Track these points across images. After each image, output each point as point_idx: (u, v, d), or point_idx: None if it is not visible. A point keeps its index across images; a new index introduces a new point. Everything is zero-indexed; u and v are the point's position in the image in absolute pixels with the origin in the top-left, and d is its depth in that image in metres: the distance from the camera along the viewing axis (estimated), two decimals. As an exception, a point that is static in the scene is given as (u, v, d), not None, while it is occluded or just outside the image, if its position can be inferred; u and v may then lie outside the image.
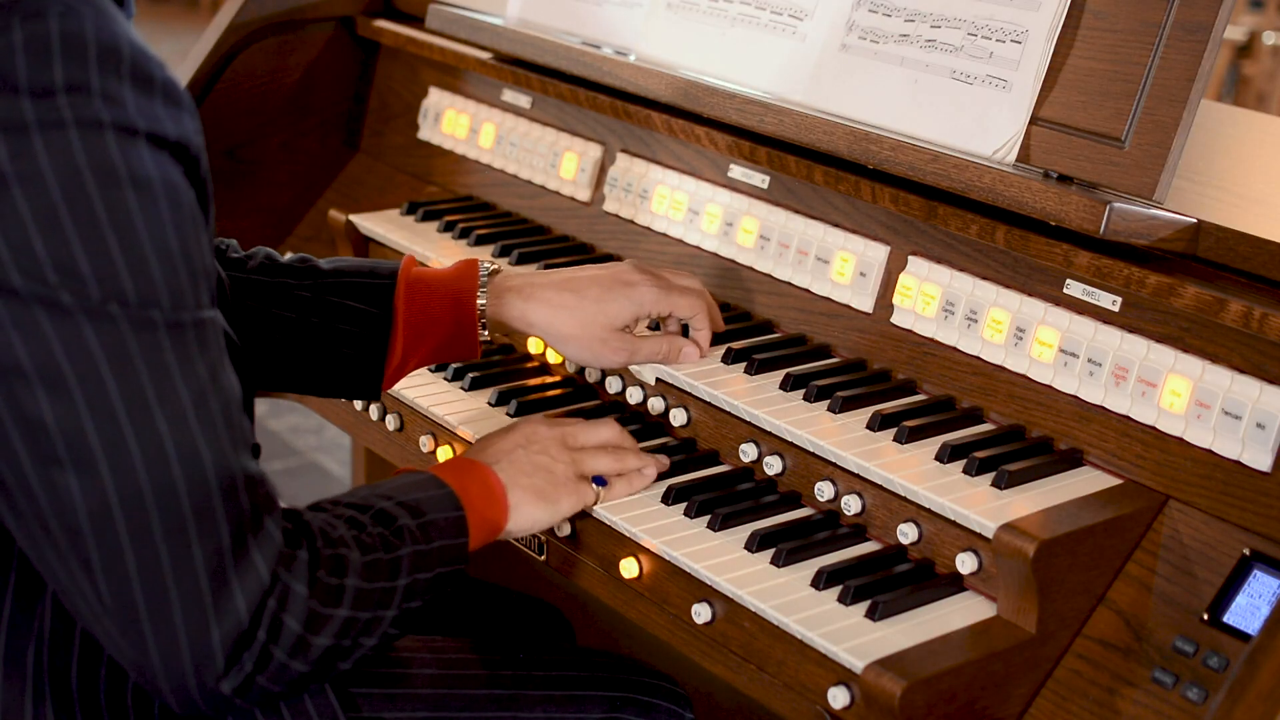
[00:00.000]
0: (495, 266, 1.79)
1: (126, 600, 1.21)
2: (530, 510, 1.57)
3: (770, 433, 1.71)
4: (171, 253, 1.20)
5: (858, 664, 1.40)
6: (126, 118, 1.17)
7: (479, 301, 1.75)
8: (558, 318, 1.74)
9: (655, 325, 1.87)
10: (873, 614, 1.47)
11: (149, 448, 1.19)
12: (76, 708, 1.36)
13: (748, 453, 1.73)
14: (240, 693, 1.27)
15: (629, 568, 1.64)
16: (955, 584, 1.54)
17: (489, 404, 1.89)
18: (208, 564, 1.22)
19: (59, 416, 1.17)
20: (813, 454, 1.67)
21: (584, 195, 2.21)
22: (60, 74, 1.15)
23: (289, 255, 1.80)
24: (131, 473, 1.19)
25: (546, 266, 2.09)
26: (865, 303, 1.84)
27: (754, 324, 1.93)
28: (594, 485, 1.64)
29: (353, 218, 2.30)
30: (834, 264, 1.86)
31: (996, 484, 1.55)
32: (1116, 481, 1.58)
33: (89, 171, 1.16)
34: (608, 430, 1.69)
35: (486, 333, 1.77)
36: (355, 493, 1.45)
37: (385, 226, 2.28)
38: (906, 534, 1.58)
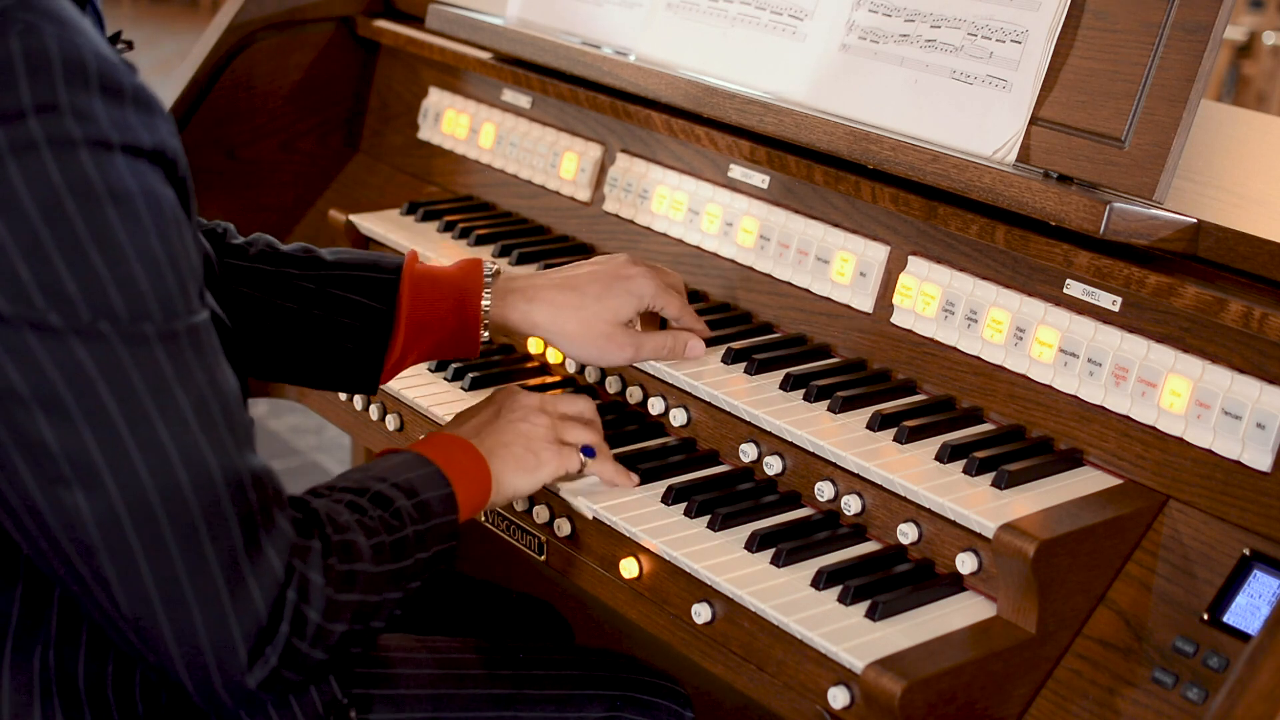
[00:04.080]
0: (497, 267, 1.79)
1: (144, 610, 1.21)
2: (512, 478, 1.58)
3: (770, 433, 1.71)
4: (158, 262, 1.18)
5: (858, 664, 1.40)
6: (99, 132, 1.16)
7: (484, 303, 1.75)
8: (561, 317, 1.74)
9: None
10: (873, 614, 1.47)
11: (153, 459, 1.19)
12: (84, 707, 1.36)
13: (748, 453, 1.73)
14: (266, 686, 1.27)
15: (629, 568, 1.64)
16: (955, 584, 1.54)
17: (489, 404, 1.89)
18: (222, 565, 1.22)
19: (60, 438, 1.16)
20: (813, 454, 1.67)
21: (584, 195, 2.21)
22: (27, 95, 1.13)
23: (291, 244, 1.80)
24: (138, 485, 1.18)
25: (546, 267, 2.09)
26: (865, 303, 1.84)
27: (754, 324, 1.93)
28: (582, 455, 1.65)
29: (353, 218, 2.31)
30: (834, 264, 1.86)
31: (996, 484, 1.56)
32: (1116, 481, 1.58)
33: (66, 191, 1.14)
34: (583, 403, 1.71)
35: (487, 333, 1.77)
36: (348, 476, 1.45)
37: (385, 226, 2.28)
38: (906, 534, 1.58)
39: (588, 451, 1.66)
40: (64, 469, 1.17)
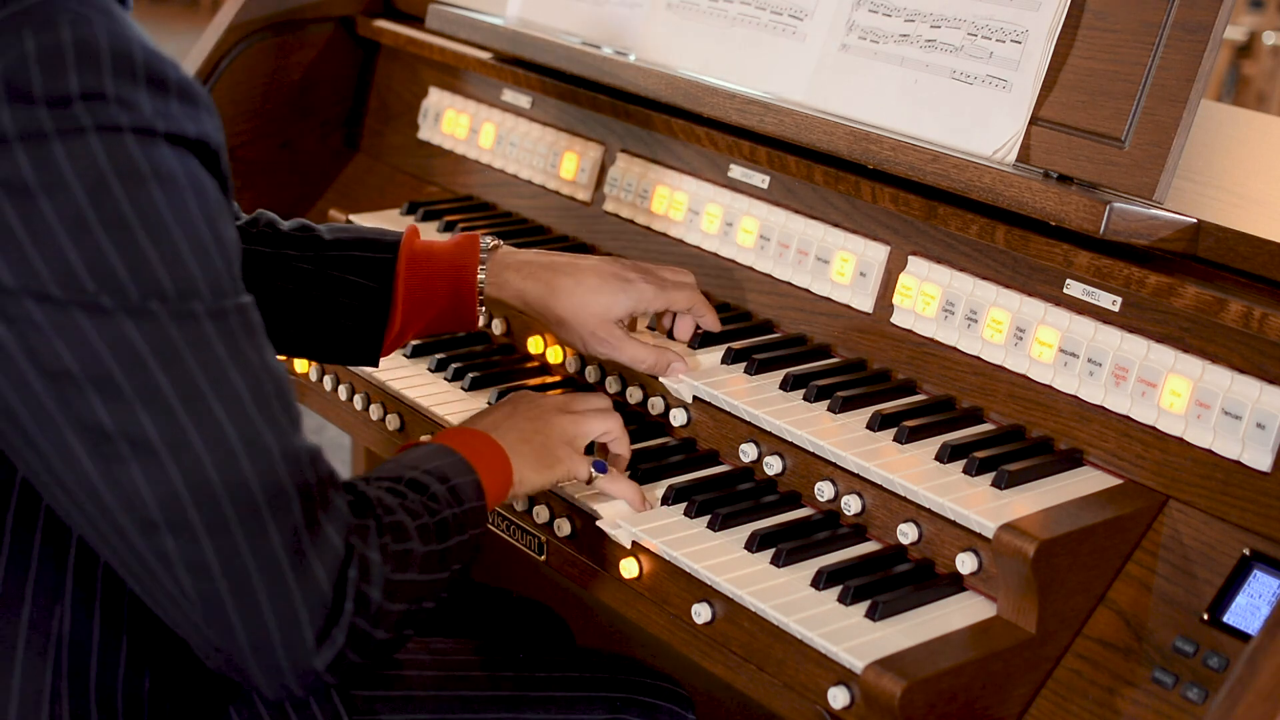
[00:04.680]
0: (495, 242, 1.81)
1: (209, 589, 1.21)
2: (530, 474, 1.58)
3: (770, 433, 1.71)
4: (204, 243, 1.19)
5: (858, 664, 1.40)
6: (144, 120, 1.17)
7: (479, 277, 1.77)
8: (552, 300, 1.76)
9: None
10: (873, 614, 1.47)
11: (210, 436, 1.19)
12: (93, 708, 1.36)
13: (748, 453, 1.73)
14: (334, 668, 1.26)
15: (629, 568, 1.64)
16: (955, 584, 1.54)
17: (489, 404, 1.89)
18: (285, 543, 1.22)
19: (115, 417, 1.16)
20: (813, 454, 1.67)
21: (584, 195, 2.21)
22: (75, 82, 1.15)
23: (290, 222, 1.82)
24: (197, 463, 1.18)
25: (546, 266, 2.09)
26: (865, 303, 1.84)
27: (754, 324, 1.93)
28: (593, 469, 1.65)
29: (353, 218, 2.31)
30: (834, 264, 1.86)
31: (996, 484, 1.55)
32: (1116, 481, 1.58)
33: (112, 173, 1.15)
34: (600, 399, 1.71)
35: (483, 308, 1.79)
36: (381, 468, 1.45)
37: (385, 226, 2.27)
38: (906, 534, 1.58)
39: (599, 467, 1.66)
40: (121, 448, 1.17)
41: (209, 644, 1.24)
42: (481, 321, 1.81)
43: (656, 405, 1.84)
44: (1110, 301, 1.62)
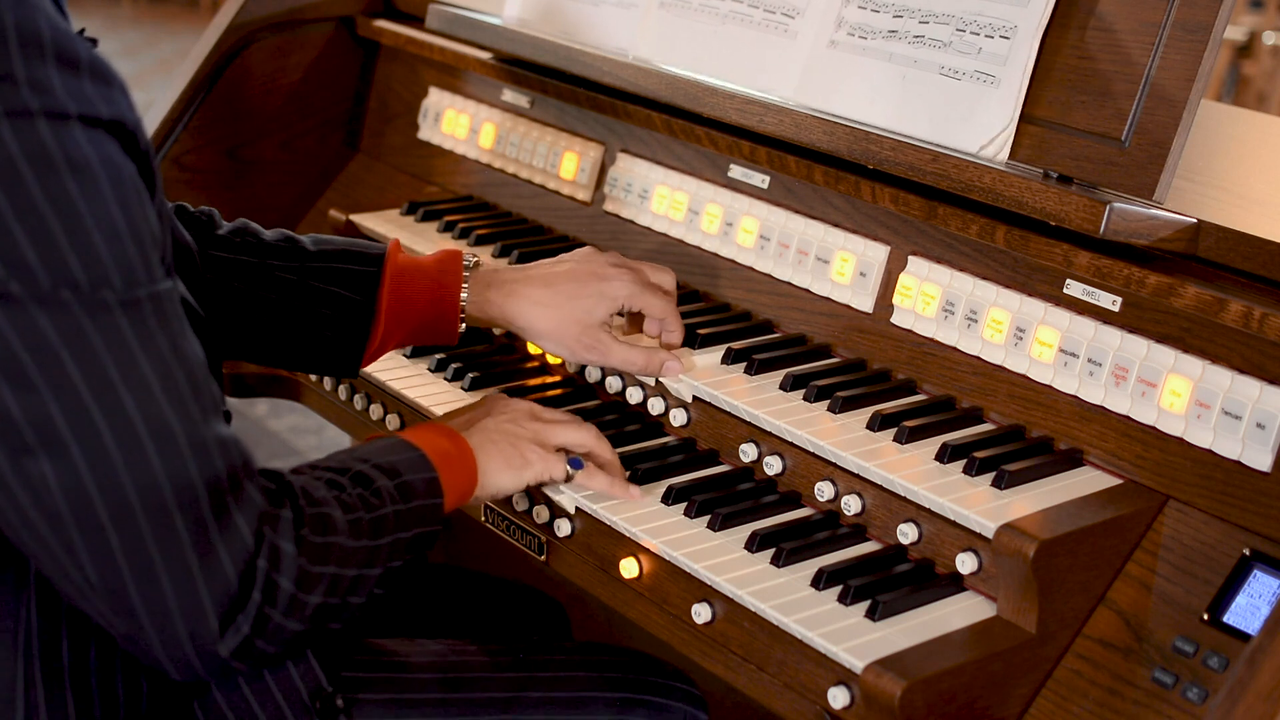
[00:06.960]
0: (476, 259, 1.82)
1: (113, 578, 1.22)
2: (497, 476, 1.59)
3: (770, 433, 1.71)
4: (118, 231, 1.19)
5: (857, 664, 1.40)
6: (56, 103, 1.16)
7: (462, 296, 1.78)
8: (534, 314, 1.77)
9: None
10: (873, 614, 1.47)
11: (119, 427, 1.19)
12: (68, 689, 1.36)
13: (748, 453, 1.73)
14: (239, 655, 1.28)
15: (629, 568, 1.64)
16: (955, 584, 1.54)
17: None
18: (190, 532, 1.23)
19: (24, 407, 1.17)
20: (813, 454, 1.67)
21: (584, 195, 2.21)
22: None
23: (272, 232, 1.82)
24: (104, 453, 1.19)
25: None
26: (865, 303, 1.84)
27: (754, 324, 1.93)
28: (569, 466, 1.65)
29: (353, 218, 2.31)
30: (834, 264, 1.86)
31: (996, 484, 1.55)
32: (1116, 481, 1.58)
33: (24, 161, 1.15)
34: (571, 417, 1.71)
35: (464, 325, 1.80)
36: (332, 457, 1.47)
37: (385, 226, 2.28)
38: (906, 534, 1.58)
39: (575, 464, 1.66)
40: (29, 438, 1.18)
41: (116, 630, 1.26)
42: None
43: (656, 405, 1.84)
44: (1110, 301, 1.62)
